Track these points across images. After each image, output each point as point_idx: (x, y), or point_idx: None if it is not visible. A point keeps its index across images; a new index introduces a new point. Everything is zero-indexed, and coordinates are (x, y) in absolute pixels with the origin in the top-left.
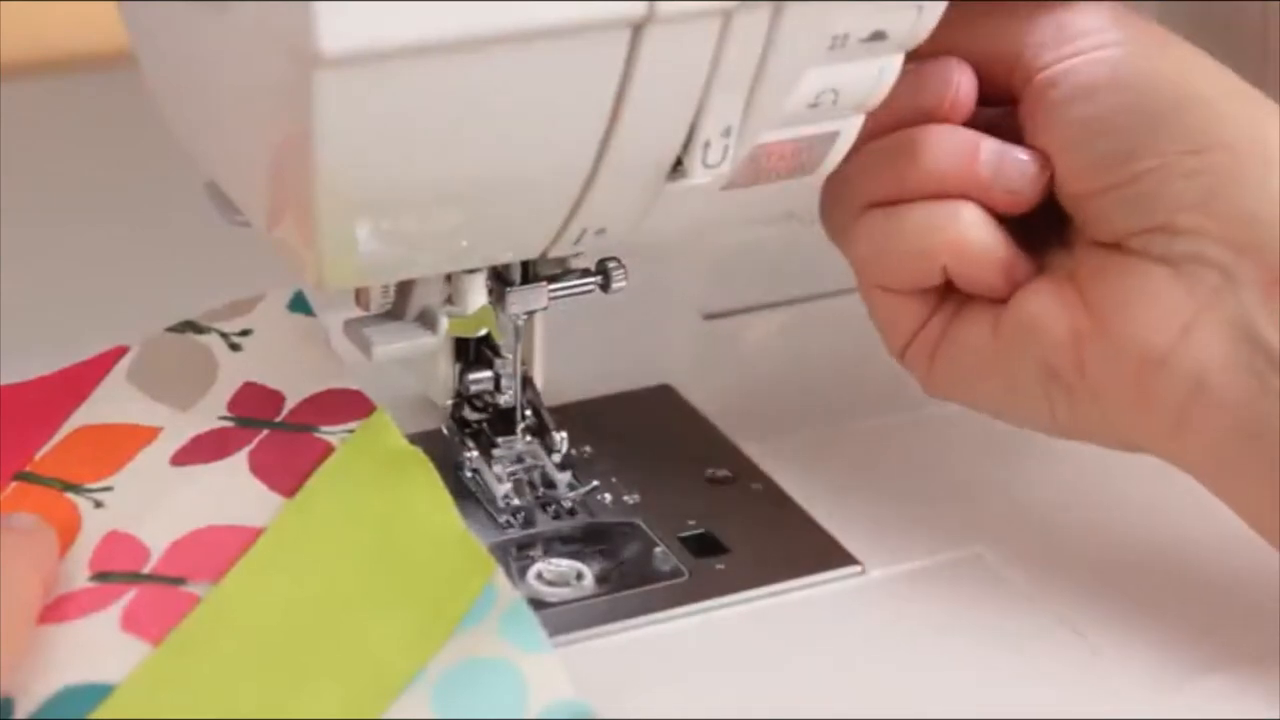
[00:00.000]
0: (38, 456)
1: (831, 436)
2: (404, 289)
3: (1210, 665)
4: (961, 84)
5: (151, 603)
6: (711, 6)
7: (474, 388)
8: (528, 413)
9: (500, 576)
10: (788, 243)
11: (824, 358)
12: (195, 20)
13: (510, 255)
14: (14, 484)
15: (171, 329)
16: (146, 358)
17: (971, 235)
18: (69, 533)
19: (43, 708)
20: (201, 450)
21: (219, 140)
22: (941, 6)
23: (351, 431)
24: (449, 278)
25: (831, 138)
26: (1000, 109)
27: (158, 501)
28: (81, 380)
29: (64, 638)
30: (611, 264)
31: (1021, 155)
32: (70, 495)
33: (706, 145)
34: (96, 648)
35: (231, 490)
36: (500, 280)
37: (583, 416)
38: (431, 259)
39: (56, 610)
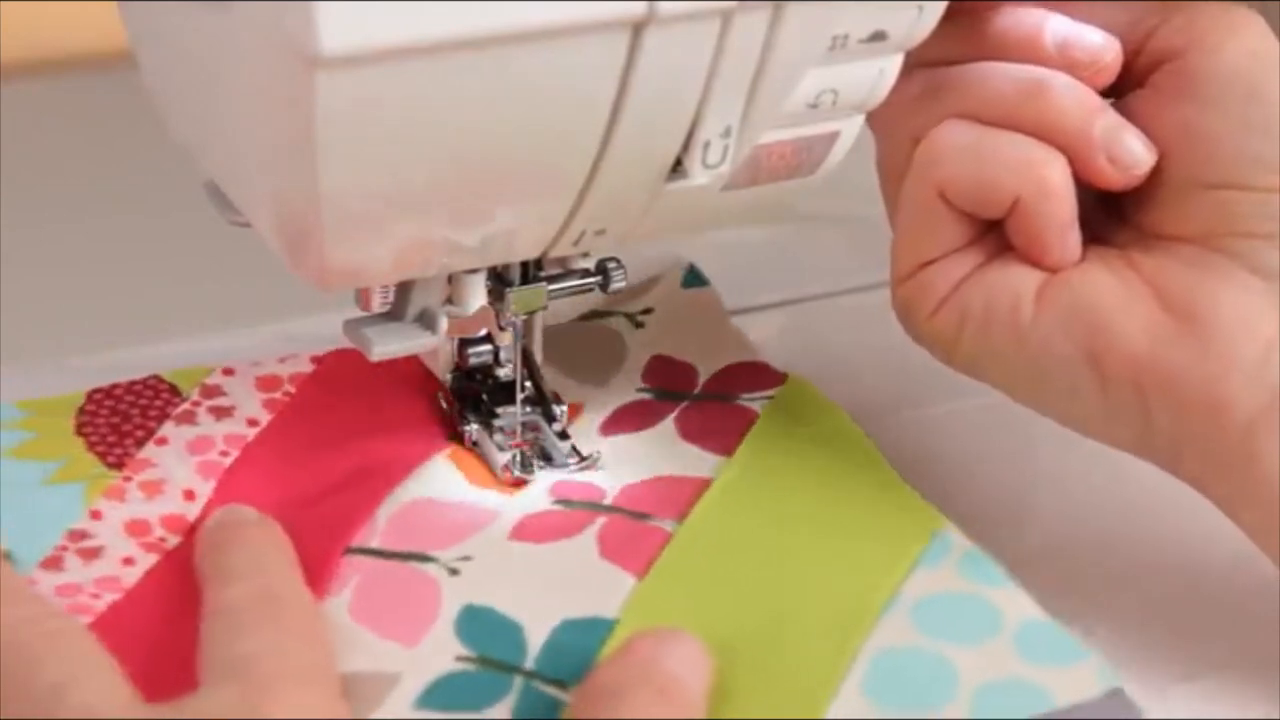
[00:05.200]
0: None
1: None
2: (404, 289)
3: (1210, 666)
4: (1114, 52)
5: (622, 533)
6: (711, 6)
7: (474, 360)
8: (527, 384)
9: (952, 527)
10: (788, 243)
11: (823, 358)
12: (195, 20)
13: (510, 255)
14: (453, 444)
15: (578, 319)
16: (557, 341)
17: (1058, 181)
18: (519, 481)
19: (550, 639)
20: (626, 420)
21: (219, 140)
22: (941, 6)
23: (771, 399)
24: (449, 278)
25: (832, 138)
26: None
27: (600, 453)
28: None
29: (544, 560)
30: (611, 264)
31: (1136, 132)
32: None
33: (706, 145)
34: (585, 579)
35: (666, 454)
36: (500, 280)
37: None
38: (431, 259)
39: (526, 529)
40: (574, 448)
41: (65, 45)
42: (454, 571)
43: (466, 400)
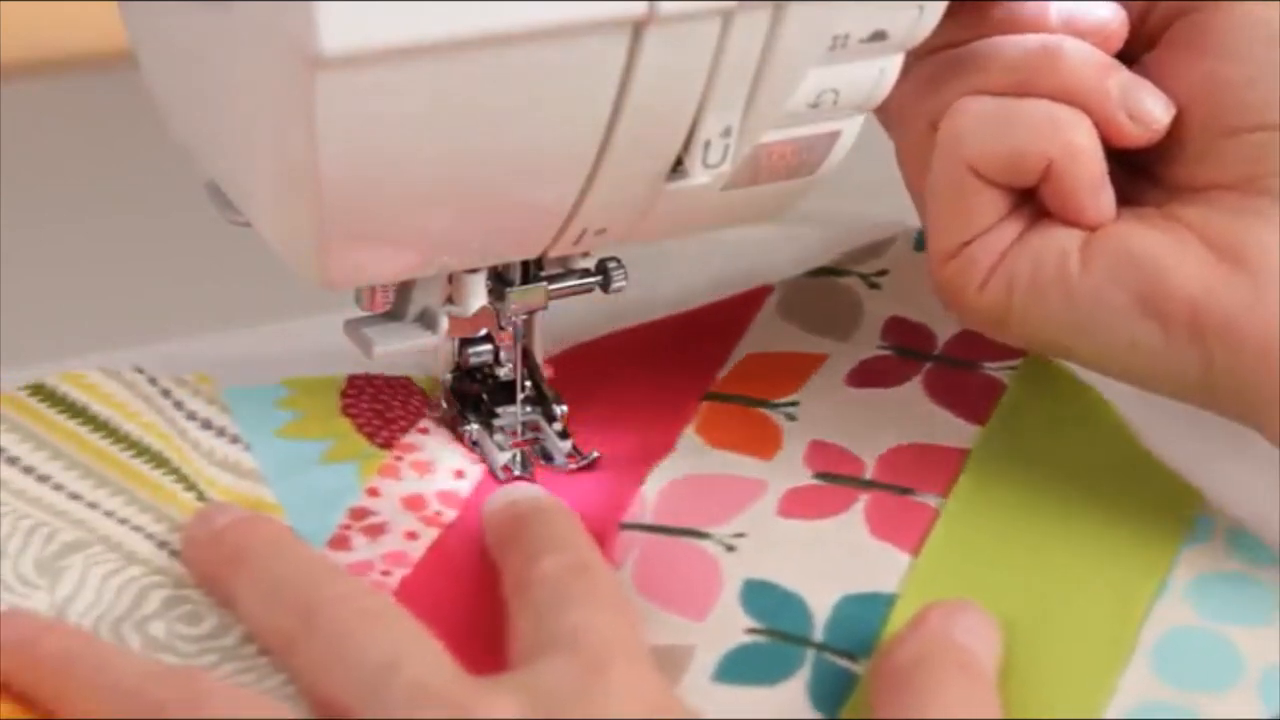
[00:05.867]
0: (719, 378)
1: None
2: (404, 289)
3: None
4: (1120, 21)
5: (888, 509)
6: (712, 6)
7: (474, 360)
8: (527, 384)
9: (1213, 506)
10: (788, 243)
11: None
12: (195, 20)
13: (510, 255)
14: (704, 403)
15: (808, 274)
16: (792, 297)
17: (1085, 141)
18: (772, 440)
19: (833, 613)
20: (872, 375)
21: (219, 140)
22: (942, 6)
23: (1014, 369)
24: (449, 278)
25: (832, 138)
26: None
27: (848, 418)
28: (735, 316)
29: (816, 536)
30: (611, 264)
31: (1151, 87)
32: (761, 410)
33: (706, 145)
34: (859, 555)
35: (917, 415)
36: (500, 280)
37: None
38: (431, 259)
39: (793, 506)
40: (574, 447)
41: (65, 45)
42: (730, 548)
43: (466, 400)
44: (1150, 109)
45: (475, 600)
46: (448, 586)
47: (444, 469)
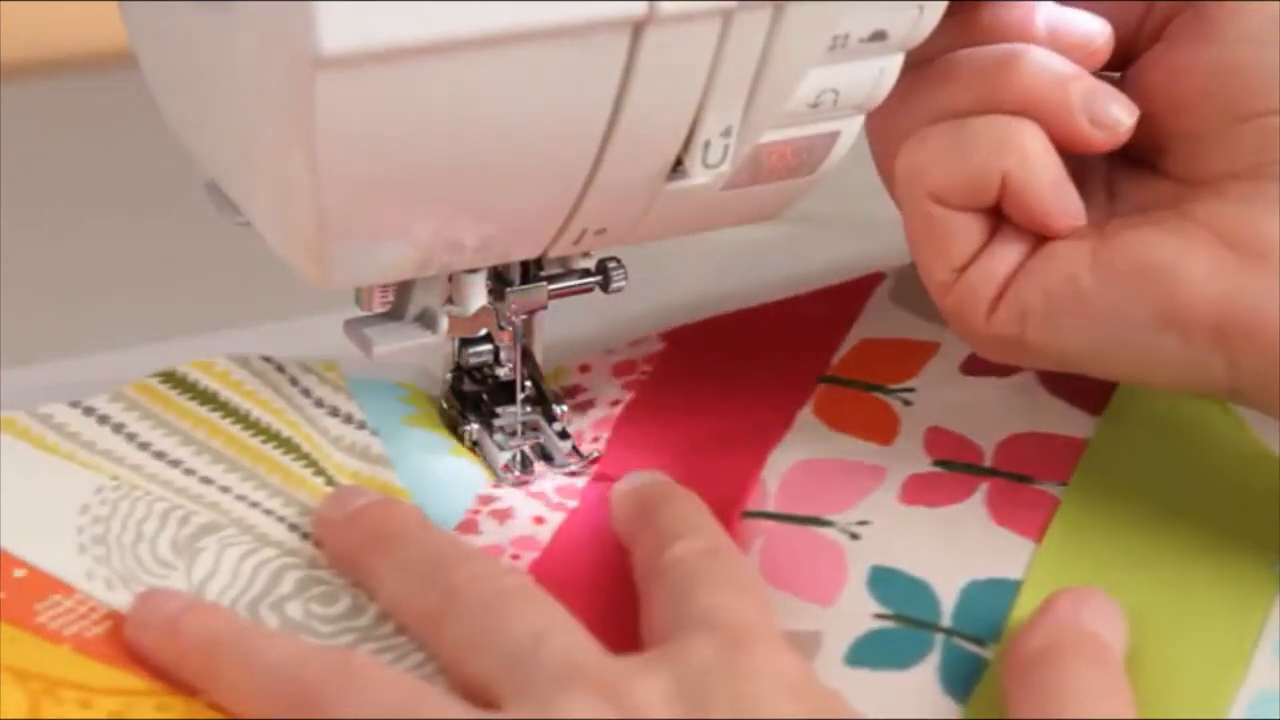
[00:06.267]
0: (834, 361)
1: None
2: (404, 289)
3: None
4: (1105, 38)
5: (1009, 497)
6: (711, 6)
7: (473, 360)
8: (527, 384)
9: None
10: (788, 243)
11: None
12: (195, 20)
13: (510, 255)
14: (820, 386)
15: None
16: (904, 284)
17: (1035, 145)
18: (890, 425)
19: (960, 599)
20: (986, 363)
21: (219, 140)
22: (942, 6)
23: None
24: (449, 277)
25: (832, 138)
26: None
27: (964, 405)
28: (847, 301)
29: (939, 523)
30: (611, 264)
31: (1114, 91)
32: (877, 394)
33: (706, 145)
34: (982, 542)
35: (1033, 403)
36: (500, 280)
37: None
38: (431, 259)
39: (914, 493)
40: (574, 447)
41: (65, 45)
42: (854, 535)
43: (466, 400)
44: (1113, 113)
45: (604, 583)
46: (577, 570)
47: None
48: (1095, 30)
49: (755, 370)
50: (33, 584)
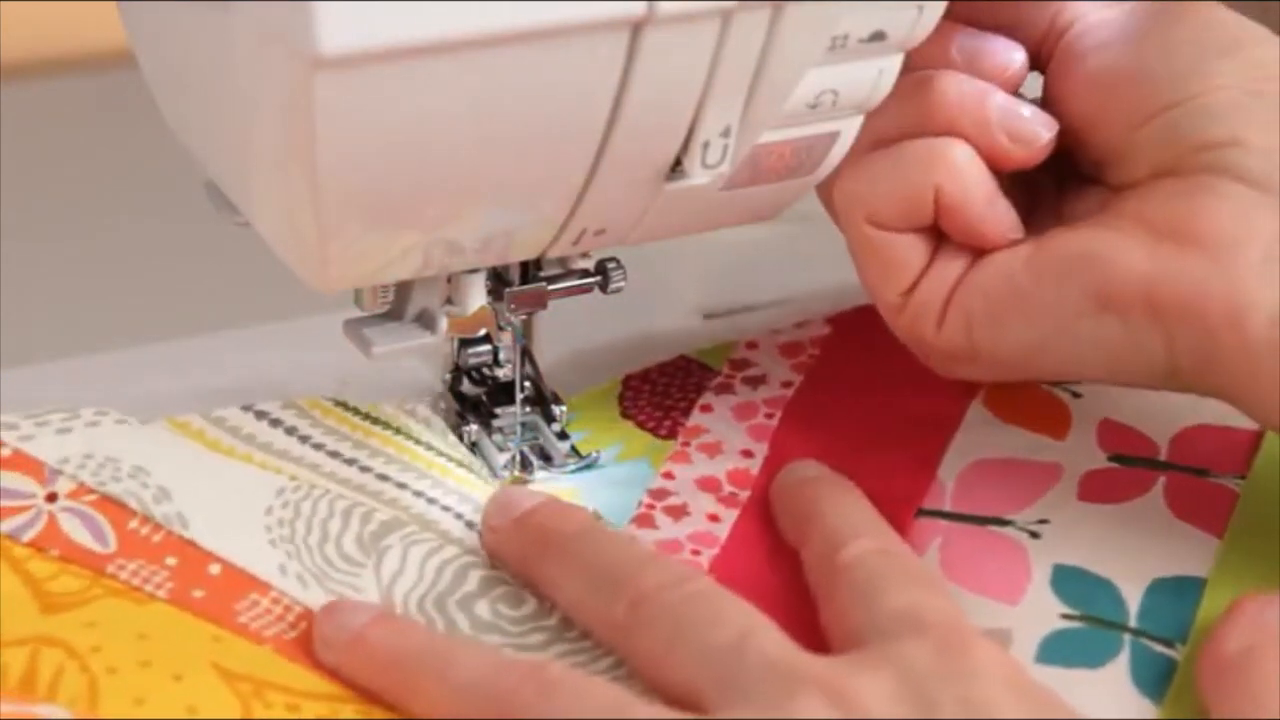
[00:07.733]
0: None
1: None
2: (403, 289)
3: None
4: (1019, 61)
5: (1188, 491)
6: (711, 6)
7: (472, 360)
8: (526, 384)
9: None
10: (788, 242)
11: None
12: (195, 20)
13: (510, 255)
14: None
15: None
16: None
17: (963, 159)
18: (1062, 419)
19: (1145, 598)
20: None
21: (218, 140)
22: (941, 6)
23: None
24: (449, 278)
25: (831, 138)
26: None
27: (1134, 397)
28: None
29: (1119, 520)
30: (611, 264)
31: (1032, 106)
32: (1045, 387)
33: (706, 145)
34: (1164, 538)
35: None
36: (500, 280)
37: None
38: (431, 259)
39: (1093, 490)
40: (573, 448)
41: (65, 45)
42: (1035, 534)
43: (466, 400)
44: (1030, 128)
45: (783, 581)
46: (756, 567)
47: (731, 449)
48: (1010, 55)
49: (918, 361)
50: (230, 581)
